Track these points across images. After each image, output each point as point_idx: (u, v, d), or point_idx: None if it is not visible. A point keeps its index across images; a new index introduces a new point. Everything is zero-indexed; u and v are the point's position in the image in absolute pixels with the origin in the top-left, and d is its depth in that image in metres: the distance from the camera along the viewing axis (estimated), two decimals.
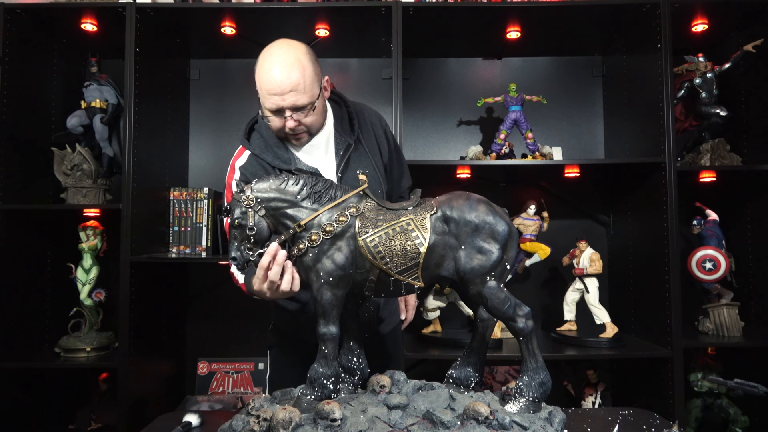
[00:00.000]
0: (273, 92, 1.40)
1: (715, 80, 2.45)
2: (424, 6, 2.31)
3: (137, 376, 2.26)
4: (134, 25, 2.24)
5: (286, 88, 1.39)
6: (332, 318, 1.20)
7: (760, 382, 1.49)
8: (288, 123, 1.44)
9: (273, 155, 1.53)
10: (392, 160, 1.72)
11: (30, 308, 2.39)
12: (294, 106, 1.41)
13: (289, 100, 1.40)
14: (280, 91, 1.39)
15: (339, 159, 1.55)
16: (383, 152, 1.67)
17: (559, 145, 2.63)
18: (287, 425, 1.09)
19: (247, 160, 1.57)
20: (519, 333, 1.20)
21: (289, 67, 1.40)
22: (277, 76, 1.39)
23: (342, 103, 1.64)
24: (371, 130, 1.66)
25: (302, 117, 1.45)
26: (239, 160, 1.59)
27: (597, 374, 2.59)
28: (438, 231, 1.20)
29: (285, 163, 1.52)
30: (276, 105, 1.41)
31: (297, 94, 1.40)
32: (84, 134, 2.47)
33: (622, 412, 1.46)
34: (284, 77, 1.39)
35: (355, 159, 1.58)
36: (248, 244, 1.21)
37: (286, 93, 1.39)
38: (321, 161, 1.57)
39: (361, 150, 1.61)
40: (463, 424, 1.11)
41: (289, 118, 1.43)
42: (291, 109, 1.42)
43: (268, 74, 1.40)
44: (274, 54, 1.43)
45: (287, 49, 1.43)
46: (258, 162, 1.55)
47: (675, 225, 2.22)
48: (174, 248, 2.42)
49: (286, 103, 1.41)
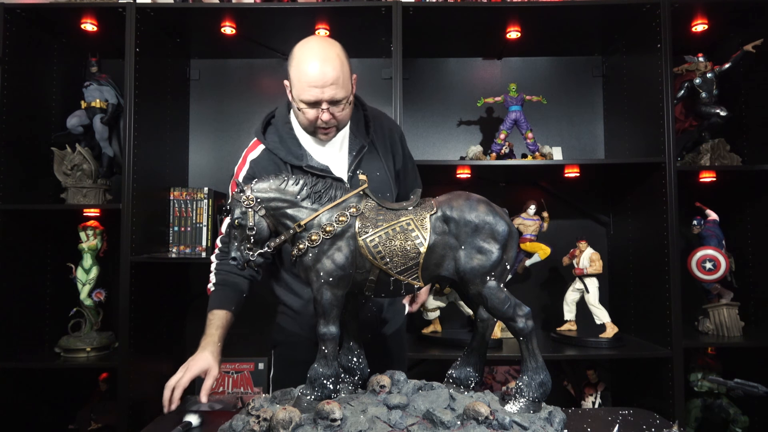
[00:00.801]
0: (314, 84, 1.43)
1: (715, 80, 2.45)
2: (424, 6, 2.31)
3: (137, 376, 2.26)
4: (134, 25, 2.24)
5: (328, 80, 1.43)
6: (332, 318, 1.20)
7: (760, 382, 1.49)
8: (323, 116, 1.47)
9: (286, 150, 1.56)
10: (406, 169, 1.76)
11: (30, 308, 2.39)
12: (333, 99, 1.45)
13: (329, 93, 1.44)
14: (321, 83, 1.43)
15: (351, 159, 1.58)
16: (397, 159, 1.71)
17: (559, 145, 2.63)
18: (287, 425, 1.09)
19: (260, 155, 1.60)
20: (519, 333, 1.20)
21: (331, 61, 1.44)
22: (320, 69, 1.42)
23: (359, 107, 1.67)
24: (386, 136, 1.69)
25: (337, 111, 1.48)
26: (252, 153, 1.62)
27: (597, 374, 2.60)
28: (438, 231, 1.20)
29: (297, 159, 1.54)
30: (315, 97, 1.44)
31: (336, 88, 1.44)
32: (84, 134, 2.47)
33: (622, 412, 1.46)
34: (327, 71, 1.43)
35: (367, 161, 1.61)
36: (248, 244, 1.21)
37: (327, 86, 1.43)
38: (333, 160, 1.59)
39: (374, 153, 1.64)
40: (463, 424, 1.11)
41: (325, 110, 1.46)
42: (329, 102, 1.45)
43: (309, 67, 1.43)
44: (315, 48, 1.47)
45: (327, 45, 1.48)
46: (270, 157, 1.58)
47: (675, 225, 2.22)
48: (174, 248, 2.42)
49: (325, 96, 1.44)
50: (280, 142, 1.58)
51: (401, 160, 1.73)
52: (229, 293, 1.58)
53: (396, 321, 1.80)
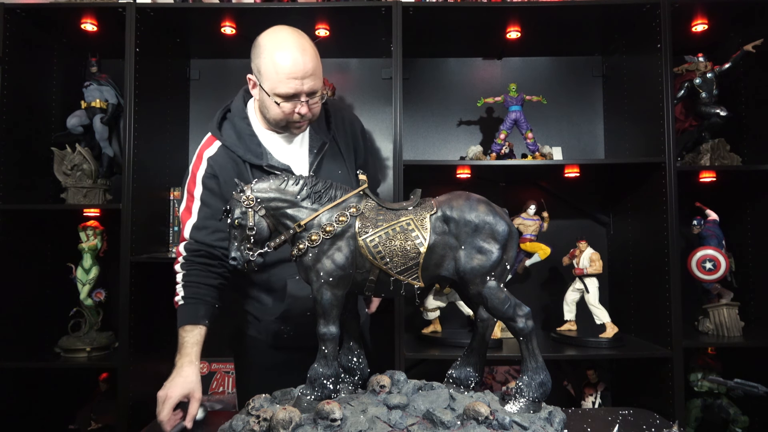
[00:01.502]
0: (294, 76, 1.37)
1: (715, 80, 2.45)
2: (424, 6, 2.31)
3: (137, 376, 2.26)
4: (134, 25, 2.24)
5: (308, 71, 1.38)
6: (332, 318, 1.20)
7: (760, 382, 1.49)
8: (301, 109, 1.42)
9: (245, 148, 1.50)
10: (366, 164, 1.72)
11: (30, 308, 2.39)
12: (312, 90, 1.40)
13: (308, 84, 1.39)
14: (302, 74, 1.37)
15: (313, 157, 1.54)
16: (358, 154, 1.66)
17: (559, 145, 2.63)
18: (287, 425, 1.09)
19: (217, 152, 1.53)
20: (519, 333, 1.20)
21: (308, 51, 1.40)
22: (300, 59, 1.37)
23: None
24: (347, 131, 1.64)
25: (314, 103, 1.43)
26: (208, 150, 1.54)
27: (597, 374, 2.59)
28: (438, 231, 1.20)
29: (257, 158, 1.49)
30: (295, 89, 1.38)
31: (315, 79, 1.40)
32: (84, 134, 2.47)
33: (622, 412, 1.46)
34: (306, 61, 1.37)
35: (329, 158, 1.56)
36: (248, 244, 1.21)
37: (307, 77, 1.38)
38: (294, 158, 1.54)
39: (335, 149, 1.59)
40: (463, 424, 1.11)
41: (303, 103, 1.41)
42: (308, 93, 1.40)
43: (289, 58, 1.37)
44: (290, 39, 1.40)
45: (300, 35, 1.42)
46: (228, 154, 1.51)
47: (675, 225, 2.22)
48: (174, 248, 2.42)
49: (305, 88, 1.39)
50: (238, 139, 1.51)
51: (362, 155, 1.68)
52: (200, 307, 1.48)
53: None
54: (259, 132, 1.55)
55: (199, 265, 1.52)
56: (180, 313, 1.49)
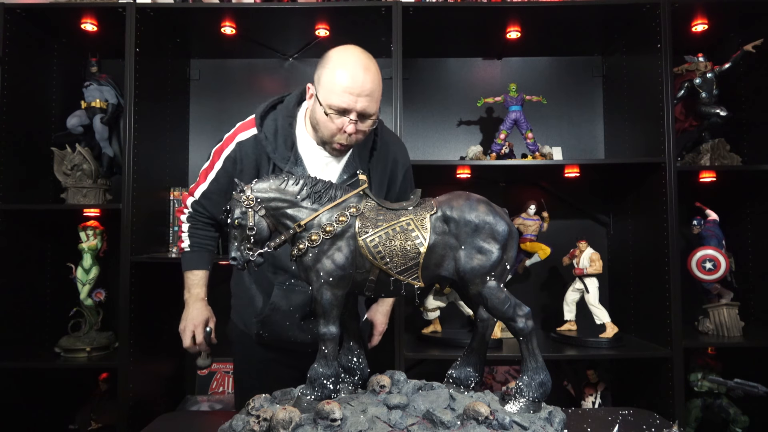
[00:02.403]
0: (350, 91, 1.37)
1: (715, 80, 2.45)
2: (424, 6, 2.31)
3: (137, 376, 2.26)
4: (134, 25, 2.24)
5: (365, 90, 1.38)
6: (332, 318, 1.20)
7: (760, 382, 1.49)
8: (348, 127, 1.40)
9: (275, 146, 1.51)
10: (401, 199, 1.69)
11: (30, 308, 2.39)
12: (364, 111, 1.40)
13: (362, 103, 1.38)
14: (358, 92, 1.37)
15: (339, 180, 1.53)
16: (392, 191, 1.65)
17: (559, 145, 2.63)
18: (287, 425, 1.09)
19: (248, 139, 1.54)
20: (519, 333, 1.20)
21: (371, 72, 1.39)
22: (360, 76, 1.37)
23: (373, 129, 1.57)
24: (387, 168, 1.63)
25: (363, 127, 1.42)
26: (243, 134, 1.56)
27: (597, 374, 2.59)
28: (438, 231, 1.20)
29: (282, 161, 1.50)
30: (348, 104, 1.38)
31: (370, 101, 1.39)
32: (84, 134, 2.47)
33: (622, 412, 1.46)
34: (367, 80, 1.38)
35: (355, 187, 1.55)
36: (248, 244, 1.21)
37: (362, 95, 1.38)
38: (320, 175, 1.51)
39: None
40: (463, 424, 1.11)
41: (352, 122, 1.40)
42: (359, 114, 1.39)
43: (350, 71, 1.37)
44: (357, 56, 1.40)
45: (369, 57, 1.42)
46: (256, 146, 1.52)
47: (675, 225, 2.22)
48: (174, 248, 2.42)
49: (358, 106, 1.38)
50: (274, 135, 1.51)
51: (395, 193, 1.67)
52: (204, 254, 1.69)
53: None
54: (300, 136, 1.54)
55: (202, 222, 1.69)
56: (185, 259, 1.69)
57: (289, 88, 2.81)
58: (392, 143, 1.68)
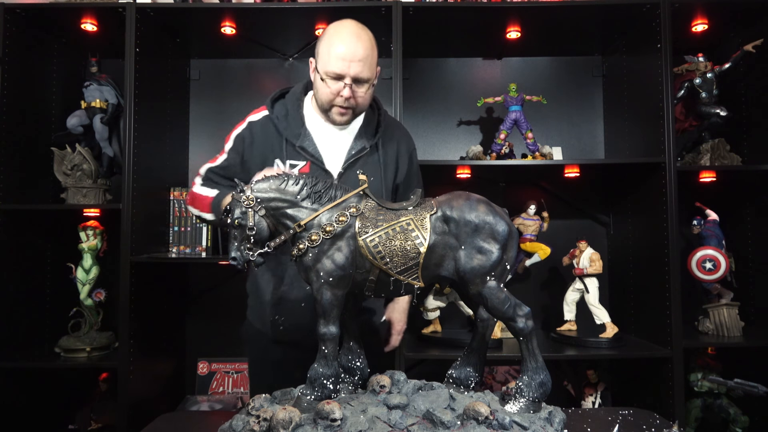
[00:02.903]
0: (343, 57, 1.47)
1: (715, 80, 2.45)
2: (424, 6, 2.31)
3: (137, 376, 2.26)
4: (134, 25, 2.24)
5: (357, 56, 1.47)
6: (332, 318, 1.20)
7: (760, 382, 1.49)
8: (344, 91, 1.50)
9: (286, 124, 1.59)
10: (409, 184, 1.74)
11: (30, 308, 2.39)
12: (357, 76, 1.49)
13: (355, 68, 1.48)
14: (351, 57, 1.47)
15: (348, 156, 1.59)
16: (399, 172, 1.70)
17: (559, 145, 2.63)
18: (287, 425, 1.09)
19: (260, 119, 1.63)
20: (519, 333, 1.20)
21: (363, 41, 1.50)
22: (353, 43, 1.48)
23: (376, 110, 1.68)
24: (396, 146, 1.70)
25: (359, 91, 1.52)
26: (253, 116, 1.65)
27: (597, 374, 2.59)
28: (438, 231, 1.20)
29: (294, 137, 1.57)
30: (342, 70, 1.48)
31: (363, 66, 1.49)
32: (84, 134, 2.47)
33: (622, 412, 1.46)
34: (359, 47, 1.48)
35: (364, 163, 1.61)
36: (248, 244, 1.20)
37: (355, 61, 1.48)
38: (330, 151, 1.60)
39: (375, 157, 1.64)
40: (463, 424, 1.11)
41: (347, 86, 1.49)
42: (354, 79, 1.49)
43: (343, 39, 1.48)
44: (351, 27, 1.53)
45: (362, 27, 1.54)
46: (268, 125, 1.60)
47: (675, 225, 2.22)
48: (174, 248, 2.42)
49: (351, 71, 1.48)
50: (285, 117, 1.60)
51: (404, 175, 1.72)
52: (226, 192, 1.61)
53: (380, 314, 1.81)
54: (308, 115, 1.62)
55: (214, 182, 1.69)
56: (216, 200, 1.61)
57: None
58: (393, 124, 1.76)
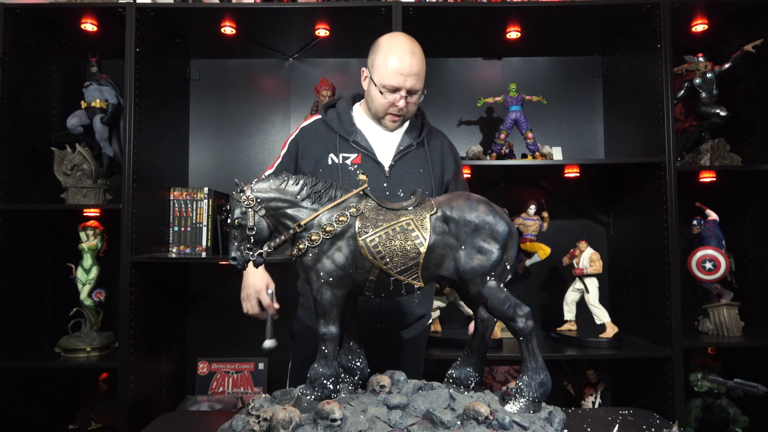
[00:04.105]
0: (401, 72, 1.60)
1: (715, 80, 2.45)
2: (424, 6, 2.31)
3: (137, 376, 2.26)
4: (134, 25, 2.24)
5: (413, 71, 1.60)
6: (332, 318, 1.20)
7: (760, 382, 1.49)
8: (400, 102, 1.63)
9: (340, 123, 1.70)
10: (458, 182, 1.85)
11: (30, 308, 2.39)
12: (412, 88, 1.62)
13: (410, 82, 1.61)
14: (408, 72, 1.60)
15: (397, 150, 1.70)
16: (446, 170, 1.80)
17: (559, 145, 2.63)
18: (287, 425, 1.09)
19: (311, 123, 1.75)
20: (519, 333, 1.20)
21: (417, 56, 1.63)
22: (410, 60, 1.60)
23: (419, 115, 1.80)
24: (440, 145, 1.81)
25: (411, 101, 1.65)
26: (306, 123, 1.76)
27: (597, 374, 2.59)
28: (438, 231, 1.20)
29: (347, 133, 1.68)
30: (399, 84, 1.60)
31: (417, 80, 1.62)
32: (84, 134, 2.47)
33: (622, 412, 1.46)
34: (415, 63, 1.61)
35: (412, 157, 1.71)
36: (248, 244, 1.21)
37: (411, 75, 1.60)
38: (382, 146, 1.70)
39: (421, 152, 1.73)
40: (463, 424, 1.11)
41: (403, 97, 1.62)
42: (409, 91, 1.62)
43: (399, 54, 1.60)
44: (406, 42, 1.64)
45: (412, 42, 1.65)
46: (320, 126, 1.72)
47: (675, 225, 2.22)
48: (174, 248, 2.42)
49: (407, 84, 1.61)
50: (338, 117, 1.72)
51: (451, 174, 1.82)
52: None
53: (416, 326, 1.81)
54: (359, 120, 1.74)
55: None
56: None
57: (289, 88, 2.84)
58: (436, 129, 1.86)
